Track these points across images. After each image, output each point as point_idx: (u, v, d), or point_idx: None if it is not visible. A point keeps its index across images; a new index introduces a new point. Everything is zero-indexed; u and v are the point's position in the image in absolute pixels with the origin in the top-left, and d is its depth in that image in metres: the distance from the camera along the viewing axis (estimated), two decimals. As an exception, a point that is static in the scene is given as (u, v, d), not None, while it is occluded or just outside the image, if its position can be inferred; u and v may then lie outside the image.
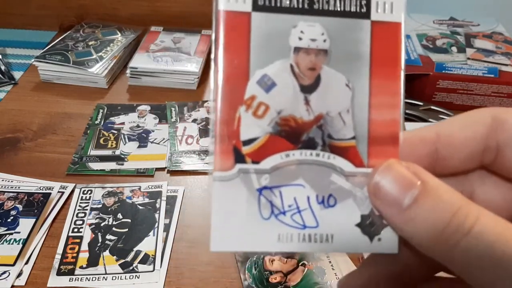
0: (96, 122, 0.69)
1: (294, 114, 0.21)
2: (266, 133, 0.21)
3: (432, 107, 0.73)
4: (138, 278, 0.48)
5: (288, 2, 0.21)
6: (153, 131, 0.68)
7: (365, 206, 0.21)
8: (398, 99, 0.21)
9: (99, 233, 0.53)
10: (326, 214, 0.21)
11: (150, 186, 0.59)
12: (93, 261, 0.50)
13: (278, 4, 0.21)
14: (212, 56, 0.20)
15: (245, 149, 0.21)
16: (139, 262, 0.50)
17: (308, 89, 0.21)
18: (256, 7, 0.20)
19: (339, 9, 0.21)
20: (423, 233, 0.19)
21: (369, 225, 0.21)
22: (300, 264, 0.49)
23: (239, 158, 0.20)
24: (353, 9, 0.21)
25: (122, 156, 0.64)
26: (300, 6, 0.21)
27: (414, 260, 0.22)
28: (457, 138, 0.21)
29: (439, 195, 0.19)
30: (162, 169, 0.62)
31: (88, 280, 0.48)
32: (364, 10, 0.21)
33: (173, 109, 0.73)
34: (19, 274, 0.48)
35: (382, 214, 0.20)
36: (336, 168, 0.21)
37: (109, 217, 0.55)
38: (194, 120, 0.71)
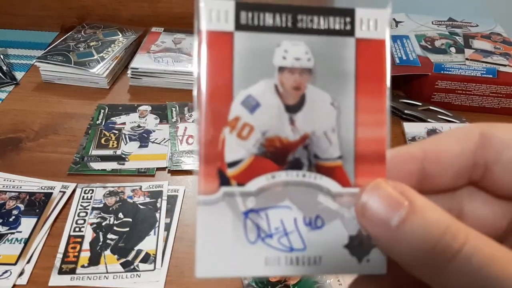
0: (97, 122, 0.70)
1: (279, 135, 0.21)
2: (251, 155, 0.20)
3: (431, 107, 0.73)
4: (139, 277, 0.49)
5: (271, 21, 0.20)
6: (154, 131, 0.69)
7: (353, 227, 0.21)
8: (384, 116, 0.21)
9: (100, 233, 0.53)
10: (314, 235, 0.21)
11: (151, 186, 0.59)
12: (94, 260, 0.50)
13: (261, 23, 0.20)
14: (195, 76, 0.20)
15: (230, 172, 0.20)
16: (140, 261, 0.50)
17: (293, 108, 0.21)
18: (239, 26, 0.20)
19: (323, 27, 0.21)
20: (411, 254, 0.18)
21: (358, 246, 0.21)
22: (299, 263, 0.50)
23: (224, 180, 0.20)
24: (337, 27, 0.21)
25: (123, 156, 0.64)
26: (284, 25, 0.20)
27: (404, 280, 0.21)
28: (445, 155, 0.21)
29: (427, 215, 0.18)
30: (163, 169, 0.63)
31: (90, 279, 0.48)
32: (348, 27, 0.21)
33: (173, 109, 0.73)
34: (21, 273, 0.49)
35: (370, 235, 0.20)
36: (323, 188, 0.21)
37: (110, 217, 0.55)
38: (195, 120, 0.71)
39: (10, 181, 0.59)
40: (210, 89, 0.20)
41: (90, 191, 0.58)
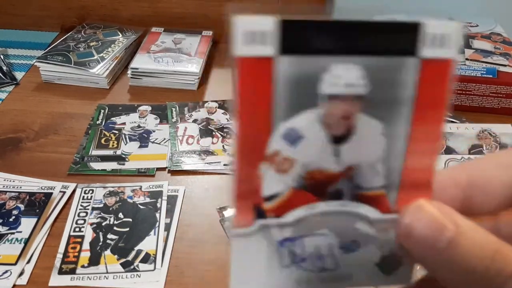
0: (98, 122, 0.70)
1: (321, 167, 0.19)
2: (289, 188, 0.19)
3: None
4: (139, 277, 0.49)
5: (318, 42, 0.17)
6: (154, 131, 0.69)
7: (387, 248, 0.20)
8: (437, 145, 0.19)
9: (100, 233, 0.53)
10: (347, 257, 0.20)
11: (151, 186, 0.59)
12: (94, 260, 0.50)
13: (307, 45, 0.17)
14: (233, 107, 0.18)
15: (267, 205, 0.19)
16: (140, 261, 0.50)
17: (339, 140, 0.19)
18: (280, 50, 0.17)
19: (379, 47, 0.18)
20: (458, 276, 0.18)
21: (388, 263, 0.20)
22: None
23: (260, 214, 0.19)
24: (396, 46, 0.18)
25: (123, 156, 0.64)
26: (333, 45, 0.17)
27: None
28: (491, 183, 0.21)
29: (474, 237, 0.18)
30: (163, 169, 0.62)
31: (90, 279, 0.48)
32: (409, 46, 0.18)
33: (173, 109, 0.73)
34: (21, 274, 0.48)
35: (415, 256, 0.19)
36: (362, 216, 0.20)
37: (110, 217, 0.55)
38: (195, 120, 0.71)
39: (10, 181, 0.59)
40: (247, 122, 0.18)
41: (90, 191, 0.58)
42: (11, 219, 0.54)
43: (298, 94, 0.18)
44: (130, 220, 0.55)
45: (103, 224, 0.54)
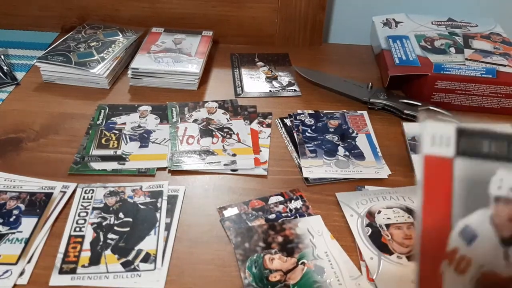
0: (98, 122, 0.70)
1: (494, 270, 0.19)
2: None
3: (431, 108, 0.73)
4: (139, 277, 0.49)
5: (488, 149, 0.19)
6: (154, 131, 0.69)
7: None
8: None
9: (100, 232, 0.53)
10: None
11: (151, 186, 0.59)
12: (94, 260, 0.50)
13: (479, 150, 0.19)
14: (417, 203, 0.19)
15: None
16: (140, 261, 0.50)
17: (508, 242, 0.19)
18: (459, 152, 0.19)
19: None
20: None
21: None
22: (299, 263, 0.50)
23: None
24: None
25: (124, 156, 0.64)
26: (500, 152, 0.19)
27: None
28: None
29: None
30: (163, 169, 0.63)
31: (90, 279, 0.48)
32: None
33: (174, 109, 0.73)
34: (21, 273, 0.49)
35: None
36: None
37: (111, 216, 0.55)
38: (195, 120, 0.71)
39: (11, 181, 0.59)
40: (430, 217, 0.19)
41: (91, 191, 0.58)
42: (11, 219, 0.54)
43: (473, 193, 0.19)
44: (131, 220, 0.55)
45: (104, 224, 0.54)
